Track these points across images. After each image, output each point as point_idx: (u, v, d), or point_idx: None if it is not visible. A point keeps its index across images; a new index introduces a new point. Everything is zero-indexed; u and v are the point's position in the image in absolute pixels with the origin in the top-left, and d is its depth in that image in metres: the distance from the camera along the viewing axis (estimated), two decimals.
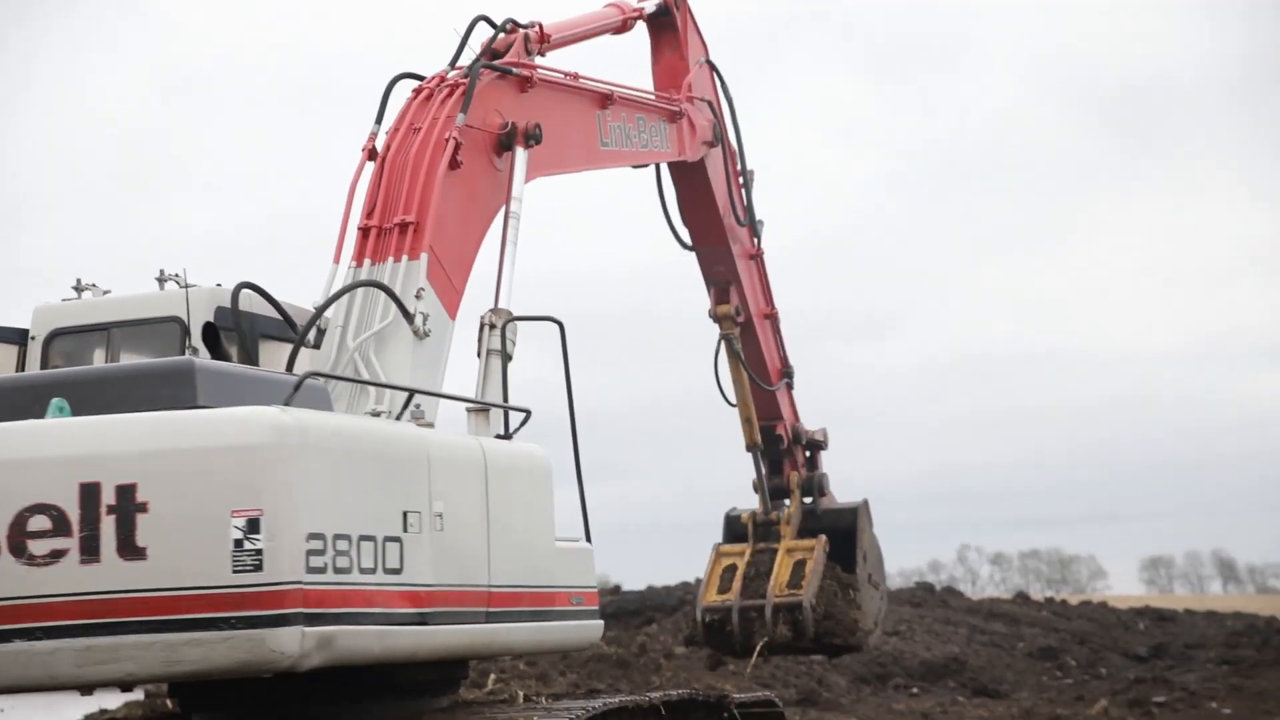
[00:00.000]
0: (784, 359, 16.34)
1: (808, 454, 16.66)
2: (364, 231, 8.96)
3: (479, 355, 8.56)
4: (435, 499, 6.90)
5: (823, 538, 15.26)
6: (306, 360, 8.10)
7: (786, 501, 16.02)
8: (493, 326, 8.57)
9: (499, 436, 8.04)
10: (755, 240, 15.84)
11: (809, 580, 14.88)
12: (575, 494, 8.58)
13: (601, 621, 8.17)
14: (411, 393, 7.70)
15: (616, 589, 23.93)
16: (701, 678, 14.67)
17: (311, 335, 8.23)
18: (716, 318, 15.49)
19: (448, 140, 8.95)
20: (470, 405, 8.03)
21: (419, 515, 6.76)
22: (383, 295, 8.31)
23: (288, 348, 7.88)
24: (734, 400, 15.75)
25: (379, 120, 9.58)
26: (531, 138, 9.62)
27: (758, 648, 15.32)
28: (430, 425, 7.75)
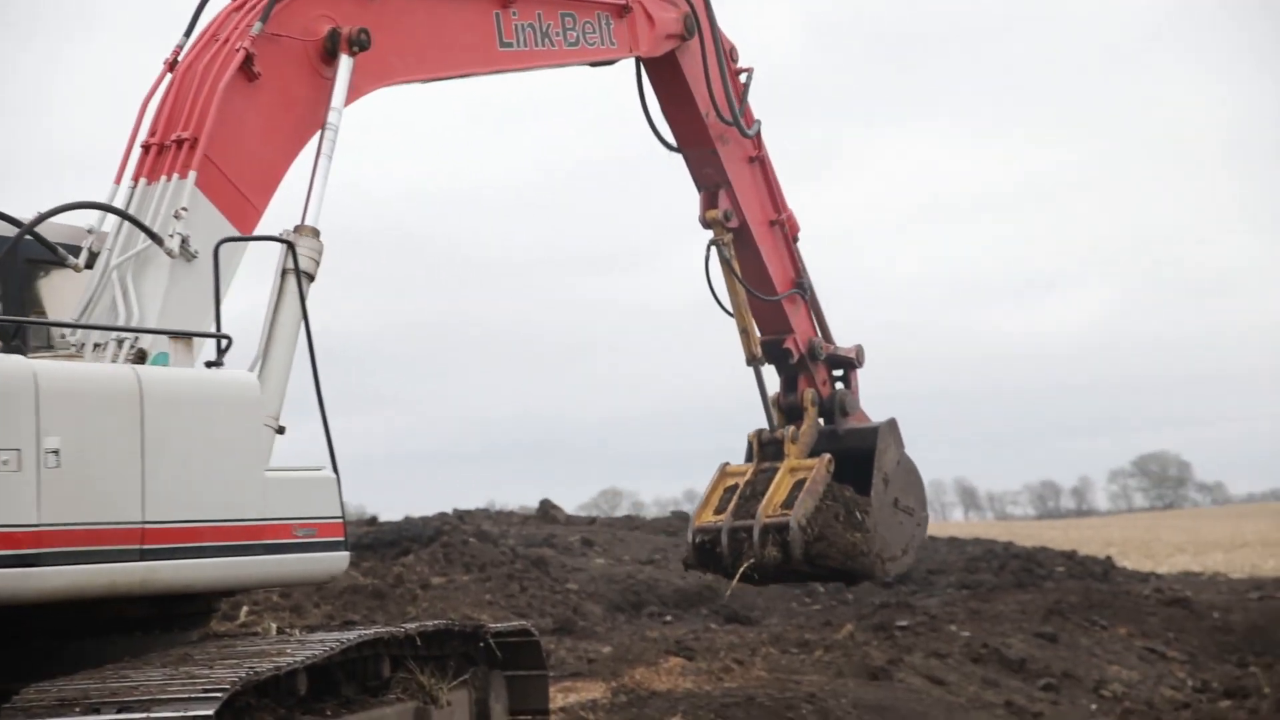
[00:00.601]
0: (798, 268, 15.16)
1: (840, 372, 15.38)
2: (145, 149, 8.58)
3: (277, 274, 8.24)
4: (47, 435, 6.54)
5: (826, 456, 14.11)
6: (80, 283, 7.83)
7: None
8: (290, 245, 8.27)
9: (209, 364, 7.74)
10: (754, 141, 14.63)
11: (801, 500, 13.69)
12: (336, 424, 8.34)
13: (346, 553, 7.93)
14: (20, 323, 7.41)
15: (373, 520, 23.70)
16: (458, 608, 14.65)
17: (83, 258, 7.92)
18: (705, 223, 14.39)
19: (238, 50, 8.56)
20: (154, 333, 7.69)
21: (16, 453, 6.46)
22: (159, 216, 8.00)
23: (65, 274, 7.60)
24: (731, 310, 14.46)
25: (188, 33, 9.12)
26: (356, 44, 8.99)
27: (740, 570, 14.81)
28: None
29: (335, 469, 7.89)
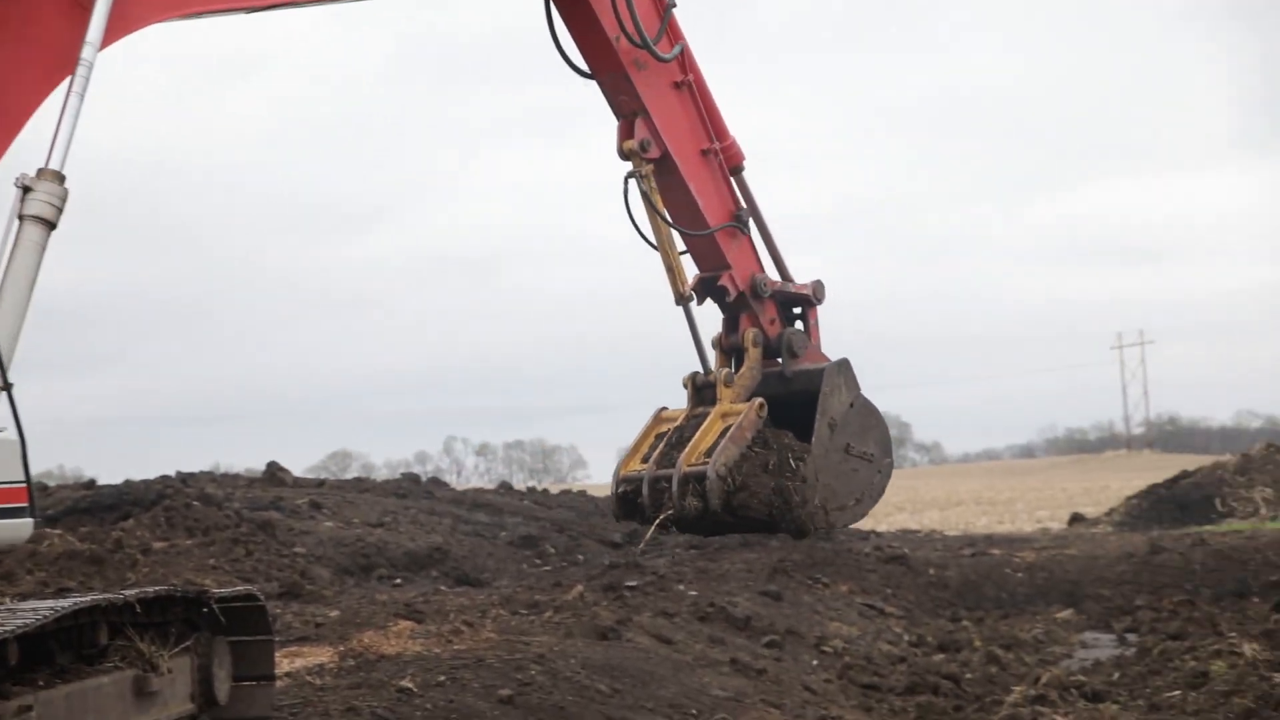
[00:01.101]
0: (735, 200, 14.16)
1: (798, 310, 14.52)
2: None
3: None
4: None
5: (757, 400, 13.51)
6: None
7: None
8: (27, 189, 7.73)
9: None
10: (680, 65, 13.80)
11: (723, 447, 13.15)
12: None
13: (30, 520, 7.55)
14: None
15: (91, 483, 22.84)
16: (181, 573, 14.23)
17: None
18: (622, 154, 13.67)
19: None
20: None
21: None
22: None
23: None
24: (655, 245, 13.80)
25: None
26: None
27: (656, 522, 13.88)
28: None
29: (20, 432, 7.45)
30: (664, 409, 14.24)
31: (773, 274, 14.81)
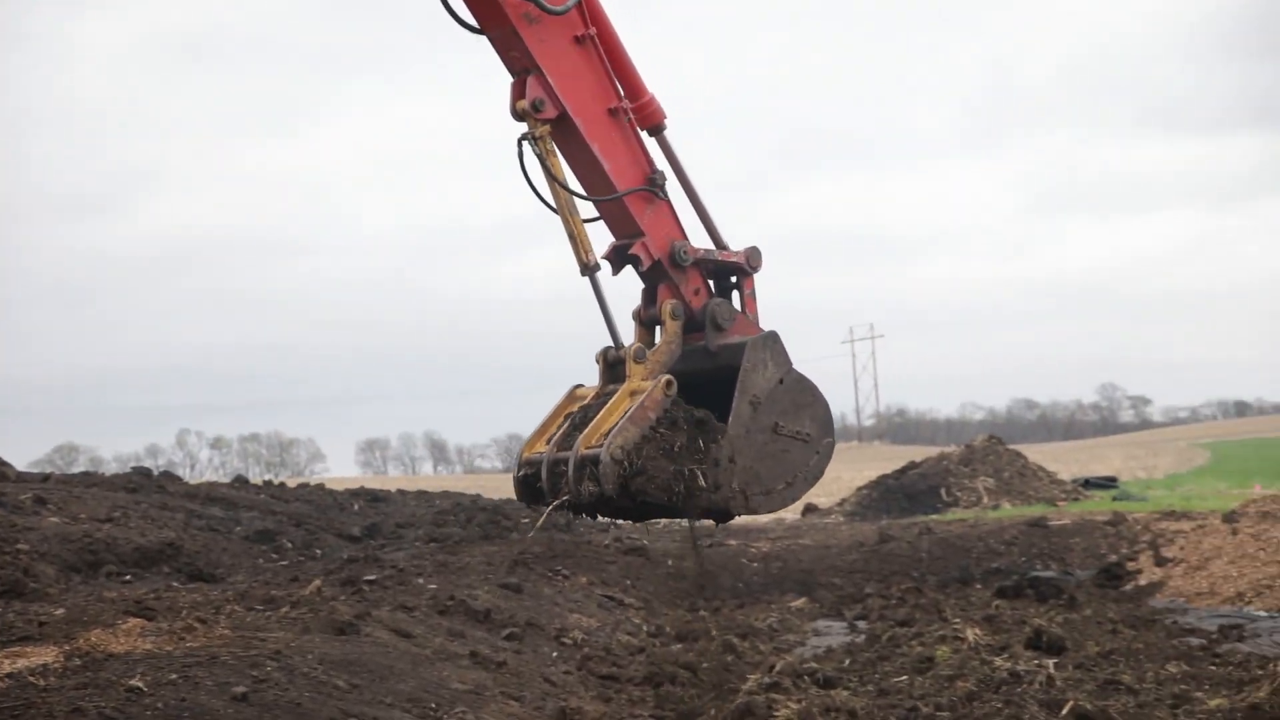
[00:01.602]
0: (650, 161, 13.04)
1: (734, 279, 13.50)
2: None
3: None
4: None
5: (664, 378, 12.50)
6: None
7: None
8: None
9: None
10: (581, 18, 12.75)
11: (621, 428, 12.18)
12: None
13: None
14: None
15: None
16: None
17: None
18: (515, 114, 12.63)
19: None
20: None
21: None
22: None
23: None
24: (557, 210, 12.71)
25: None
26: None
27: (550, 508, 12.94)
28: None
29: None
30: (578, 386, 13.27)
31: (704, 241, 13.96)
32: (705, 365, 12.98)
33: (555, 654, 11.69)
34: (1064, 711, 7.98)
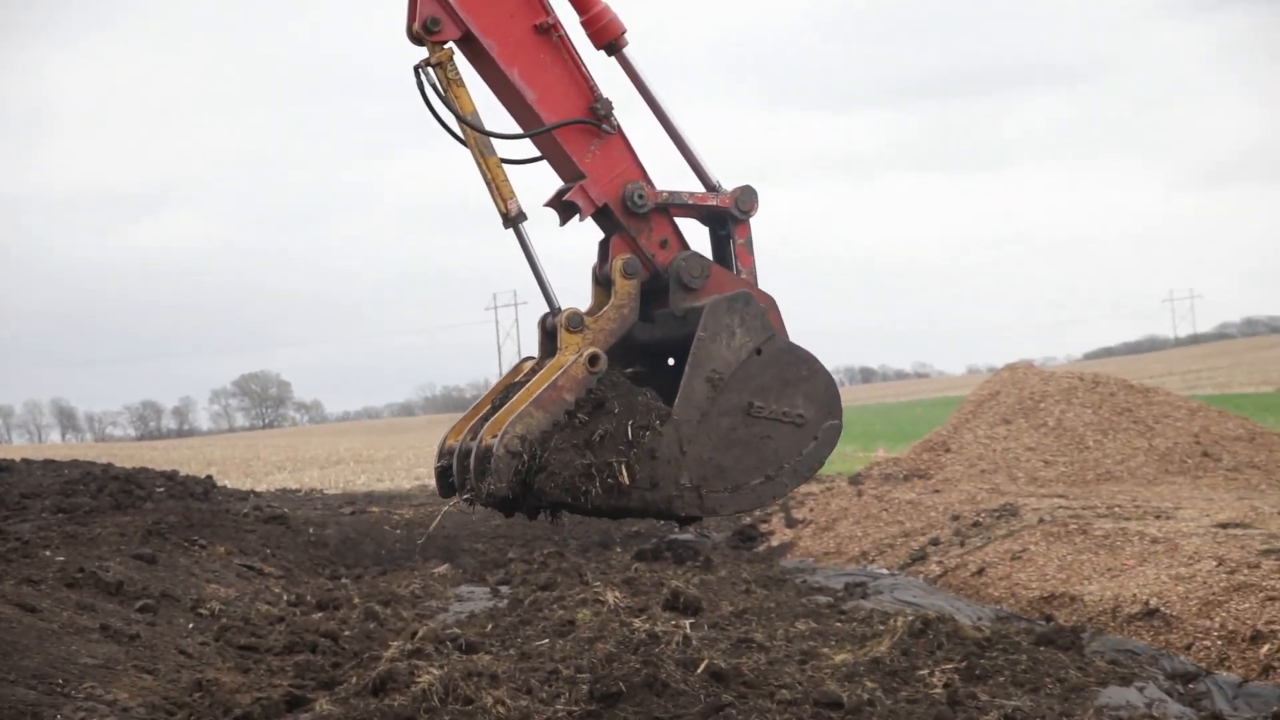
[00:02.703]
0: (592, 88, 10.55)
1: (721, 229, 10.91)
2: None
3: None
4: None
5: (588, 351, 10.00)
6: None
7: None
8: None
9: None
10: None
11: (521, 415, 9.75)
12: None
13: None
14: None
15: None
16: None
17: None
18: (413, 38, 10.62)
19: None
20: None
21: None
22: None
23: None
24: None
25: None
26: None
27: (443, 511, 10.85)
28: None
29: None
30: (526, 359, 11.04)
31: (685, 184, 11.49)
32: (676, 332, 10.75)
33: (191, 625, 11.41)
34: (699, 670, 8.27)
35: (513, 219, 10.19)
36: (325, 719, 8.26)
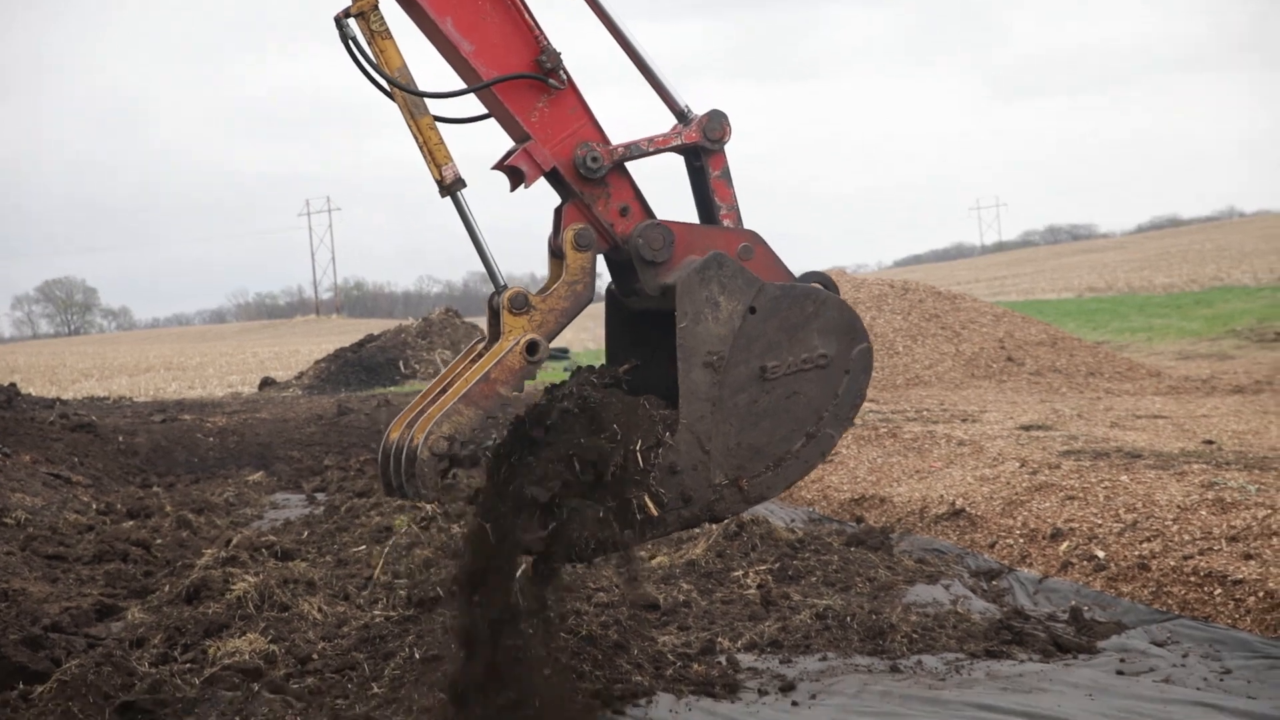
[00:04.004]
0: (536, 37, 8.21)
1: (696, 160, 8.48)
2: None
3: None
4: None
5: (526, 338, 7.51)
6: None
7: None
8: None
9: None
10: None
11: (449, 412, 7.50)
12: None
13: None
14: None
15: None
16: None
17: None
18: None
19: None
20: None
21: None
22: None
23: None
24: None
25: None
26: None
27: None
28: None
29: None
30: (478, 342, 9.08)
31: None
32: (668, 305, 9.12)
33: None
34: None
35: (448, 187, 8.69)
36: (137, 627, 8.14)
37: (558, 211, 8.19)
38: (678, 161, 8.83)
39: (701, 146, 8.64)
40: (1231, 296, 38.04)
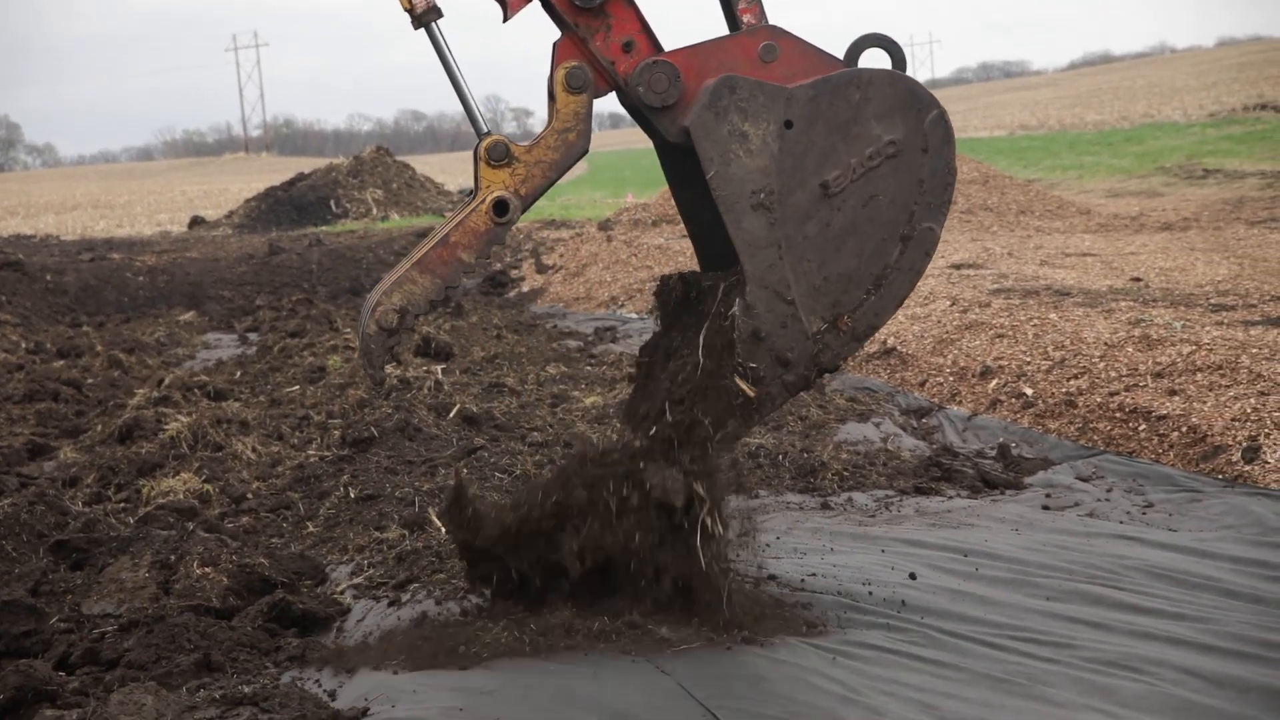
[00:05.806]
0: None
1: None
2: None
3: None
4: None
5: (492, 195, 6.39)
6: None
7: None
8: None
9: None
10: None
11: (401, 280, 6.37)
12: None
13: None
14: None
15: None
16: None
17: None
18: None
19: None
20: None
21: None
22: None
23: None
24: None
25: None
26: None
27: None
28: None
29: None
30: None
31: None
32: (683, 170, 7.84)
33: None
34: (451, 414, 8.33)
35: (419, 16, 7.60)
36: (70, 467, 8.12)
37: (554, 47, 7.35)
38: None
39: None
40: (1161, 133, 38.14)
